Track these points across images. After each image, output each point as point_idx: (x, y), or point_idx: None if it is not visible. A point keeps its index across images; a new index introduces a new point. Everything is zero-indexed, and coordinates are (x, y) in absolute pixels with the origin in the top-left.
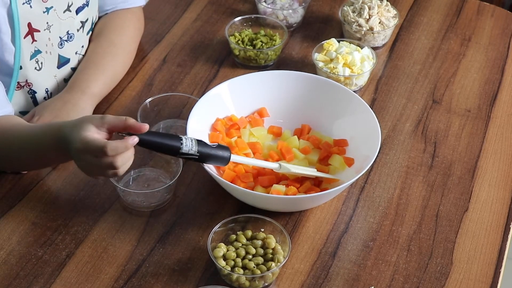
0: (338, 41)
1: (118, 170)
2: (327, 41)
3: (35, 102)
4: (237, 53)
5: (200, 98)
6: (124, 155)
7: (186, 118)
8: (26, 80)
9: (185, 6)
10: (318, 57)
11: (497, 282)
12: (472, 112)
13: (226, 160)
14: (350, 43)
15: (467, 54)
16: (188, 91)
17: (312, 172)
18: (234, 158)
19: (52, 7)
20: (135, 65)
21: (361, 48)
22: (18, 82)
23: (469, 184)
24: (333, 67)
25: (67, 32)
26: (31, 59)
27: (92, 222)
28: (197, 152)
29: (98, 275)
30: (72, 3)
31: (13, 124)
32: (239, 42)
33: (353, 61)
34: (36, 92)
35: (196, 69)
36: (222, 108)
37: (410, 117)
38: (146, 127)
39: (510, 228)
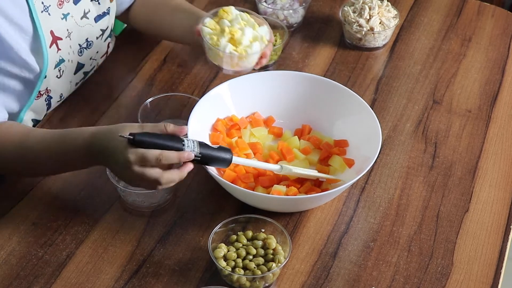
0: (242, 12)
1: (160, 187)
2: (224, 8)
3: (48, 107)
4: None
5: (200, 98)
6: (172, 174)
7: (187, 119)
8: (47, 88)
9: None
10: (208, 23)
11: (498, 283)
12: (473, 113)
13: (228, 162)
14: (254, 18)
15: (468, 55)
16: (189, 91)
17: (313, 173)
18: (236, 160)
19: (68, 13)
20: (135, 64)
21: (260, 26)
22: (39, 91)
23: (469, 184)
24: (217, 39)
25: (86, 39)
26: (55, 68)
27: (92, 222)
28: (199, 154)
29: (98, 275)
30: (89, 10)
31: (28, 129)
32: None
33: (241, 38)
34: (52, 98)
35: (196, 69)
36: (222, 108)
37: (411, 118)
38: (185, 129)
39: (510, 229)
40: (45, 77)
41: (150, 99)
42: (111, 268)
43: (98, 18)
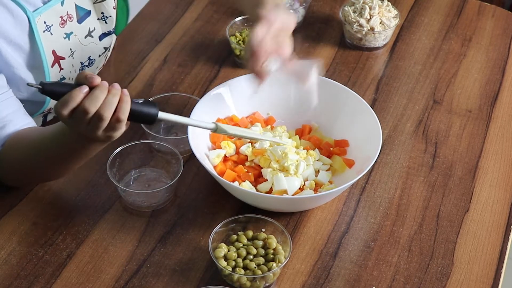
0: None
1: (102, 115)
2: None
3: (44, 121)
4: (238, 53)
5: (201, 98)
6: (93, 94)
7: None
8: (50, 108)
9: (186, 6)
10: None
11: (498, 283)
12: (473, 113)
13: (153, 118)
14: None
15: (468, 55)
16: (189, 91)
17: (251, 134)
18: (162, 115)
19: (72, 32)
20: (135, 65)
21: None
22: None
23: (470, 184)
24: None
25: (89, 57)
26: None
27: (92, 222)
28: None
29: (98, 275)
30: (94, 29)
31: (36, 130)
32: (240, 42)
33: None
34: (50, 113)
35: (196, 69)
36: (223, 108)
37: (411, 118)
38: (96, 79)
39: (511, 229)
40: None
41: (150, 99)
42: (112, 268)
43: (103, 36)
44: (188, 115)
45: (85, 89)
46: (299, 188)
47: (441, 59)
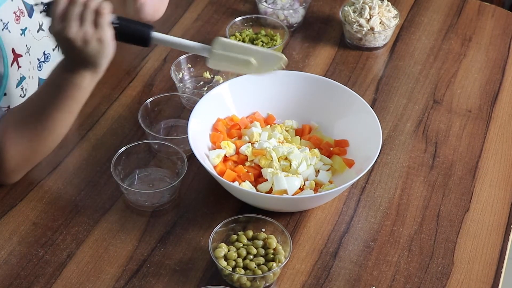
0: None
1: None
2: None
3: None
4: None
5: (201, 98)
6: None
7: (187, 119)
8: (9, 106)
9: (186, 6)
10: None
11: (498, 283)
12: (473, 112)
13: (146, 35)
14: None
15: (468, 54)
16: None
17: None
18: (156, 35)
19: (26, 28)
20: (135, 65)
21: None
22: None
23: (470, 184)
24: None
25: (43, 52)
26: (17, 87)
27: (93, 222)
28: (117, 20)
29: (99, 275)
30: (42, 23)
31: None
32: (240, 42)
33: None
34: None
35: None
36: (223, 108)
37: (411, 117)
38: None
39: (511, 229)
40: (5, 94)
41: (150, 99)
42: (112, 268)
43: None
44: (187, 115)
45: None
46: (299, 188)
47: (441, 59)
